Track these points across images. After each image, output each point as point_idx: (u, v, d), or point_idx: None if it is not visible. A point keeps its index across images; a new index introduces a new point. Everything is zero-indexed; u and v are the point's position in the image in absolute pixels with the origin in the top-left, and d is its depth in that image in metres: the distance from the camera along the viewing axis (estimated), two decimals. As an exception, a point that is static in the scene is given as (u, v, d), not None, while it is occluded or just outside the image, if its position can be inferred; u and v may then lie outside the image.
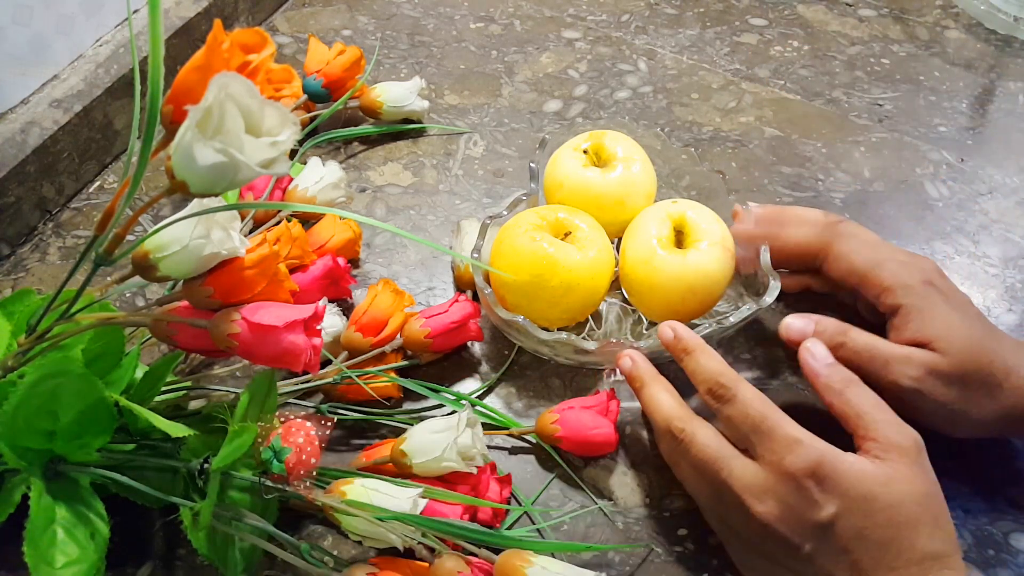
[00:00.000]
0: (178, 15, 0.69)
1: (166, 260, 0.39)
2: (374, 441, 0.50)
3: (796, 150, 0.69)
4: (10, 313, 0.45)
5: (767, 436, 0.41)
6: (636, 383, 0.47)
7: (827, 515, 0.39)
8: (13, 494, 0.40)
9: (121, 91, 0.65)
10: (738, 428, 0.42)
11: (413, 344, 0.52)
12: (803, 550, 0.40)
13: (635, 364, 0.48)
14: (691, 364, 0.45)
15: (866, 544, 0.39)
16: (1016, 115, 0.72)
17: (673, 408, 0.45)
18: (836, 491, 0.40)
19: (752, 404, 0.42)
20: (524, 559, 0.41)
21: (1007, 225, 0.64)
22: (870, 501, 0.39)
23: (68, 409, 0.40)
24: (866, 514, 0.39)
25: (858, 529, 0.39)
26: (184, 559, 0.46)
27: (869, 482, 0.40)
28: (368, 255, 0.61)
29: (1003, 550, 0.47)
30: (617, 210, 0.55)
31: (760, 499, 0.41)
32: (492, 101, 0.72)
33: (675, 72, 0.75)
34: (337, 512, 0.42)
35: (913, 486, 0.40)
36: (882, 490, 0.40)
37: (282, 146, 0.34)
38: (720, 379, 0.44)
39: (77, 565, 0.39)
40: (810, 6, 0.82)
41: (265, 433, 0.41)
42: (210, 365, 0.52)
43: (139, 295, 0.58)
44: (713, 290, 0.51)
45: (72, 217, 0.63)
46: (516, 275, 0.50)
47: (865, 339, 0.47)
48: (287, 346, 0.39)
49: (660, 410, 0.45)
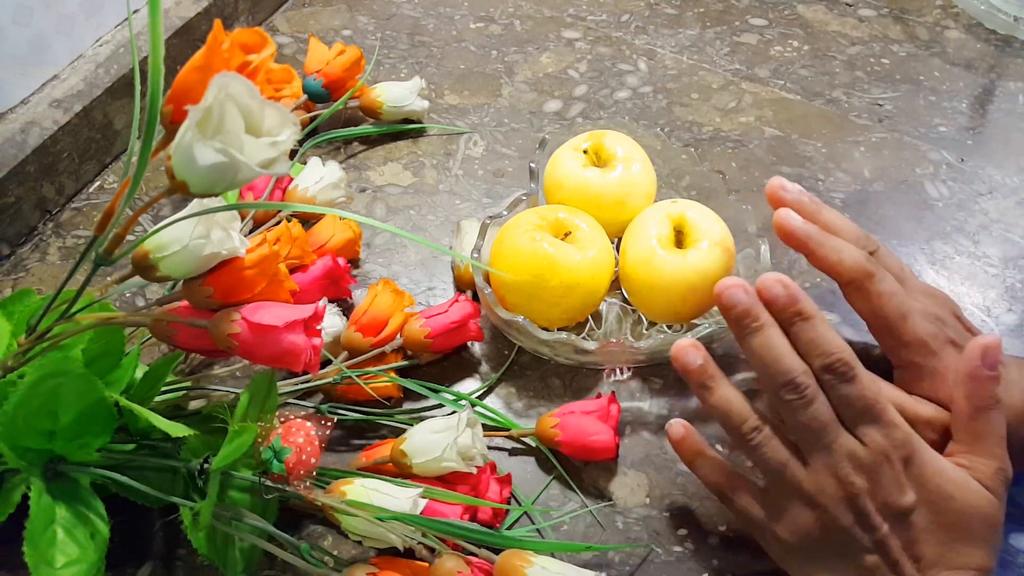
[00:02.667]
0: (178, 15, 0.69)
1: (166, 260, 0.39)
2: (374, 441, 0.50)
3: (796, 150, 0.69)
4: (10, 313, 0.44)
5: (876, 417, 0.41)
6: (752, 321, 0.42)
7: (909, 501, 0.40)
8: (13, 494, 0.40)
9: (121, 91, 0.65)
10: (851, 406, 0.41)
11: (413, 344, 0.52)
12: (880, 531, 0.40)
13: (752, 299, 0.42)
14: (809, 333, 0.42)
15: (933, 539, 0.40)
16: (1016, 115, 0.72)
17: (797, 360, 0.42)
18: (918, 478, 0.41)
19: (870, 386, 0.41)
20: (524, 559, 0.41)
21: (1007, 225, 0.64)
22: (946, 499, 0.41)
23: (68, 409, 0.40)
24: (939, 511, 0.41)
25: (929, 522, 0.40)
26: (184, 559, 0.46)
27: (948, 481, 0.41)
28: (368, 255, 0.61)
29: (1003, 550, 0.47)
30: (617, 210, 0.55)
31: (856, 471, 0.40)
32: (492, 101, 0.72)
33: (675, 72, 0.75)
34: (337, 512, 0.42)
35: (988, 510, 0.41)
36: (960, 494, 0.41)
37: (282, 146, 0.34)
38: (843, 355, 0.41)
39: (77, 565, 0.39)
40: (810, 6, 0.82)
41: (265, 433, 0.41)
42: (210, 365, 0.52)
43: (139, 295, 0.58)
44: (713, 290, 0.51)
45: (72, 217, 0.63)
46: (516, 275, 0.50)
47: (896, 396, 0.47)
48: (287, 346, 0.39)
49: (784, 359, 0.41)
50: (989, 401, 0.42)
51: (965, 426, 0.42)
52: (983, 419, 0.42)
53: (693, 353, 0.44)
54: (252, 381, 0.42)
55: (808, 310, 0.42)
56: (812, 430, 0.41)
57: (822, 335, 0.42)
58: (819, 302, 0.58)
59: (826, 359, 0.41)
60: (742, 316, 0.42)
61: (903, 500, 0.40)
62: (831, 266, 0.47)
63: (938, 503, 0.41)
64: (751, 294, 0.42)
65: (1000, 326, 0.57)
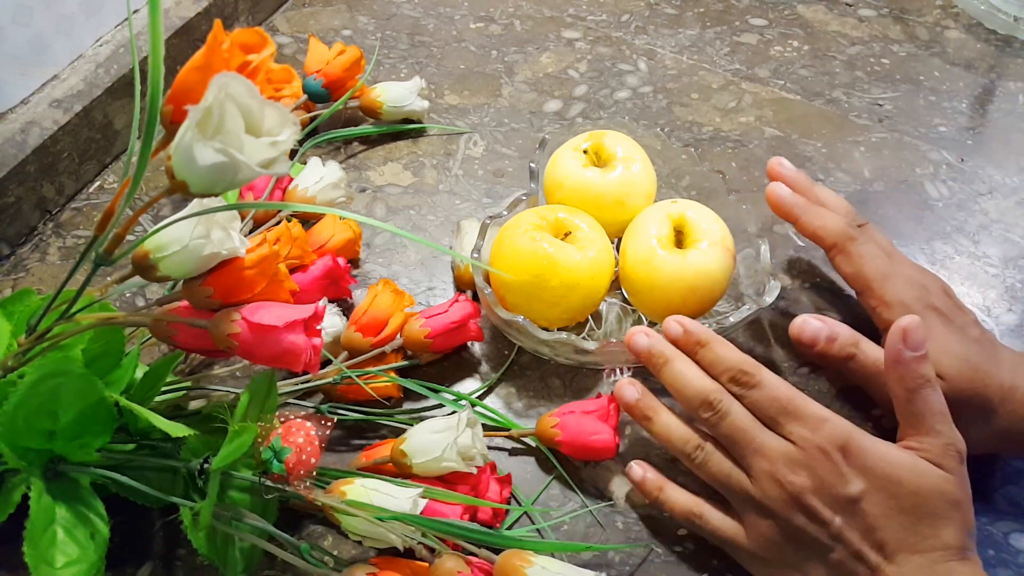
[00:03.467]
0: (178, 15, 0.69)
1: (166, 260, 0.39)
2: (374, 441, 0.50)
3: (796, 150, 0.69)
4: (10, 313, 0.44)
5: (795, 415, 0.42)
6: (658, 359, 0.46)
7: (855, 490, 0.40)
8: (13, 494, 0.40)
9: (121, 91, 0.65)
10: (765, 411, 0.43)
11: (413, 344, 0.52)
12: (833, 525, 0.41)
13: (653, 340, 0.46)
14: (709, 355, 0.45)
15: (892, 524, 0.40)
16: (1016, 115, 0.72)
17: (706, 381, 0.44)
18: (861, 467, 0.41)
19: (778, 387, 0.43)
20: (524, 559, 0.41)
21: (1007, 225, 0.64)
22: (895, 483, 0.41)
23: (68, 409, 0.40)
24: (891, 495, 0.40)
25: (884, 508, 0.40)
26: (184, 559, 0.46)
27: (894, 464, 0.41)
28: (368, 255, 0.61)
29: (1003, 550, 0.47)
30: (617, 210, 0.55)
31: (793, 470, 0.41)
32: (492, 101, 0.72)
33: (675, 72, 0.75)
34: (337, 512, 0.42)
35: (943, 487, 0.41)
36: (908, 476, 0.41)
37: (282, 146, 0.34)
38: (743, 366, 0.44)
39: (77, 565, 0.39)
40: (810, 6, 0.82)
41: (265, 433, 0.41)
42: (210, 365, 0.52)
43: (139, 295, 0.58)
44: (713, 290, 0.51)
45: (72, 217, 0.63)
46: (516, 275, 0.50)
47: (876, 354, 0.47)
48: (287, 346, 0.39)
49: (692, 384, 0.44)
50: (920, 381, 0.42)
51: (904, 409, 0.43)
52: (919, 399, 0.42)
53: (629, 389, 0.47)
54: (252, 381, 0.42)
55: (704, 337, 0.45)
56: (736, 440, 0.43)
57: (721, 353, 0.45)
58: (817, 301, 0.58)
59: (730, 373, 0.44)
60: (649, 357, 0.46)
61: (848, 489, 0.41)
62: (814, 231, 0.51)
63: (888, 487, 0.41)
64: (653, 336, 0.46)
65: (1000, 326, 0.57)
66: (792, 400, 0.43)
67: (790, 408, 0.42)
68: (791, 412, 0.42)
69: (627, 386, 0.47)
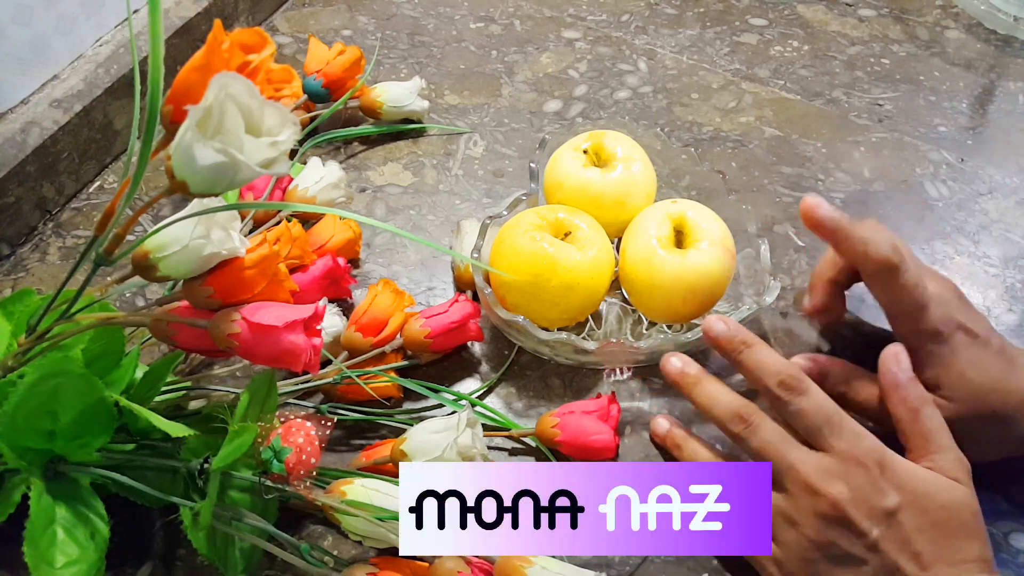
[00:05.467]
0: (178, 15, 0.69)
1: (166, 260, 0.39)
2: (374, 441, 0.50)
3: (796, 150, 0.69)
4: (10, 313, 0.44)
5: (838, 426, 0.42)
6: (690, 379, 0.46)
7: (893, 502, 0.41)
8: (13, 494, 0.40)
9: (121, 91, 0.65)
10: (810, 419, 0.43)
11: (413, 344, 0.52)
12: (871, 536, 0.40)
13: (686, 363, 0.47)
14: (754, 358, 0.45)
15: (927, 537, 0.40)
16: (1016, 115, 0.72)
17: (737, 398, 0.45)
18: (896, 482, 0.41)
19: (824, 396, 0.43)
20: (524, 559, 0.41)
21: (1007, 225, 0.64)
22: (928, 498, 0.41)
23: (68, 409, 0.40)
24: (925, 509, 0.41)
25: (919, 522, 0.41)
26: (184, 559, 0.46)
27: (925, 480, 0.41)
28: (368, 255, 0.61)
29: (1003, 550, 0.47)
30: (617, 210, 0.55)
31: (830, 481, 0.41)
32: (492, 101, 0.72)
33: (675, 72, 0.75)
34: (337, 512, 0.42)
35: (968, 501, 0.41)
36: (939, 491, 0.41)
37: (282, 146, 0.34)
38: (792, 370, 0.43)
39: (77, 565, 0.39)
40: (810, 6, 0.82)
41: (265, 433, 0.40)
42: (210, 365, 0.52)
43: (139, 295, 0.58)
44: (713, 290, 0.51)
45: (72, 217, 0.63)
46: (516, 275, 0.50)
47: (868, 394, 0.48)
48: (287, 346, 0.39)
49: (722, 401, 0.45)
50: (920, 400, 0.43)
51: (911, 430, 0.43)
52: (923, 417, 0.43)
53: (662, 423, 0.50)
54: (252, 381, 0.42)
55: (750, 338, 0.45)
56: (767, 453, 0.43)
57: (766, 358, 0.44)
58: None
59: (779, 377, 0.43)
60: (679, 379, 0.47)
61: (886, 502, 0.41)
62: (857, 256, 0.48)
63: (921, 502, 0.41)
64: (685, 359, 0.47)
65: (1000, 326, 0.57)
66: (837, 411, 0.43)
67: (834, 419, 0.42)
68: (835, 423, 0.42)
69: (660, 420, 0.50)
